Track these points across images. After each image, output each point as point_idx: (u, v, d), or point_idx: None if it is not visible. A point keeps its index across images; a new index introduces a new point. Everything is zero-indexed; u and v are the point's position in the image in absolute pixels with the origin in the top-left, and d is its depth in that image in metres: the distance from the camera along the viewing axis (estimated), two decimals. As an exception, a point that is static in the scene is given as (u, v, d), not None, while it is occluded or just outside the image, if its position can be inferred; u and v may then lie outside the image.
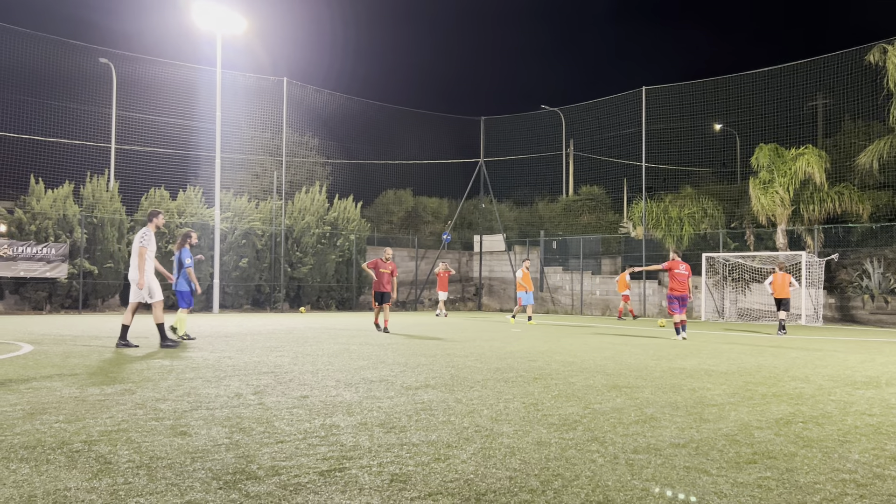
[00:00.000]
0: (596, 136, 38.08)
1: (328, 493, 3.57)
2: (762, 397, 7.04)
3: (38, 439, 4.61)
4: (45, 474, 3.80)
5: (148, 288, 11.25)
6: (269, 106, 32.65)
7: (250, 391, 6.84)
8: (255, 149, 34.32)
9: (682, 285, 15.93)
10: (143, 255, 11.07)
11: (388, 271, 17.62)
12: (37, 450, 4.33)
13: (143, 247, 11.10)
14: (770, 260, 27.76)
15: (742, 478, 4.01)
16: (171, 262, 14.18)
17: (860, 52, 26.49)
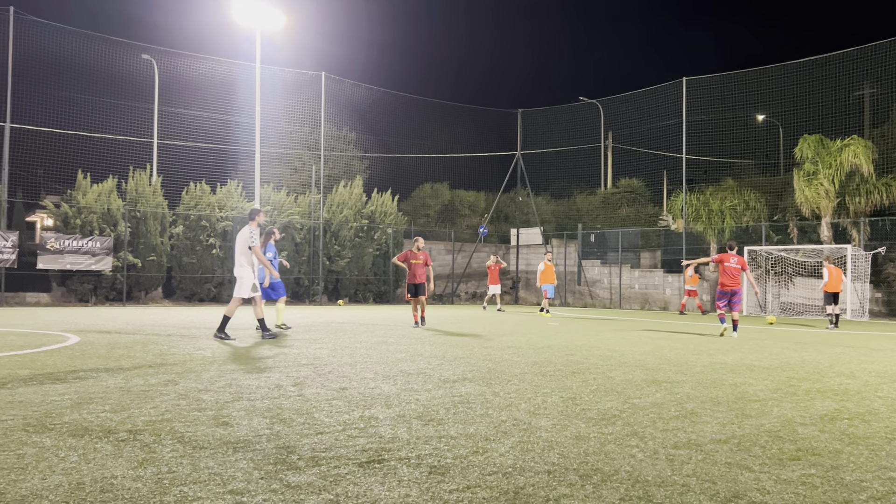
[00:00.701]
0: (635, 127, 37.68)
1: (367, 485, 3.60)
2: (806, 393, 6.91)
3: (85, 428, 4.73)
4: (93, 462, 3.89)
5: (252, 283, 11.86)
6: (308, 101, 32.93)
7: (290, 383, 6.92)
8: (293, 143, 34.65)
9: (732, 279, 14.59)
10: (258, 252, 11.83)
11: (420, 262, 16.66)
12: (84, 438, 4.44)
13: (255, 245, 11.79)
14: (814, 253, 27.20)
15: (785, 475, 3.94)
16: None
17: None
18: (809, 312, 26.76)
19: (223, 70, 31.65)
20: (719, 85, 31.55)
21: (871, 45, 27.22)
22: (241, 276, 11.82)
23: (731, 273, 14.56)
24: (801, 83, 29.66)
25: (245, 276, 11.79)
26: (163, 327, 14.34)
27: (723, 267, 14.71)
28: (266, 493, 3.43)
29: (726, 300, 14.60)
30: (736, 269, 14.60)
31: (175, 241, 27.92)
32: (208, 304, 27.90)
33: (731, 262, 14.62)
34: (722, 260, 14.75)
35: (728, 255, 14.75)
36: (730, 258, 14.68)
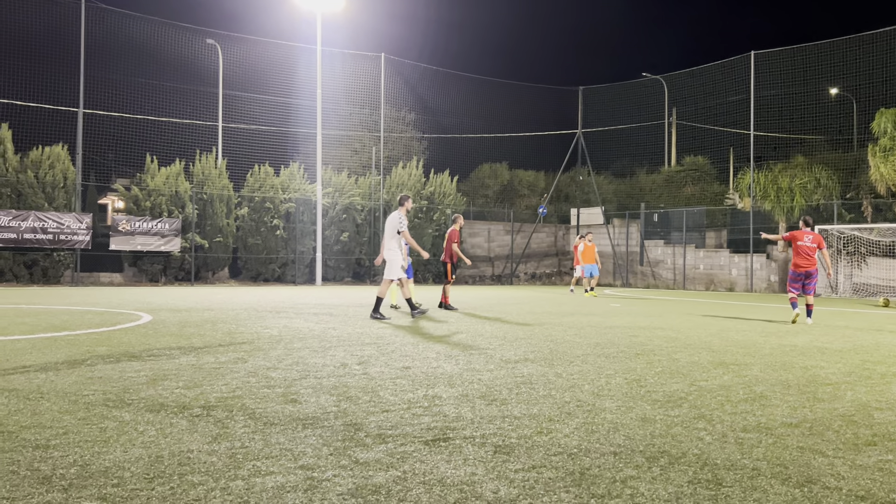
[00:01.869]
0: (700, 104, 36.74)
1: (434, 462, 3.64)
2: (881, 377, 6.69)
3: (160, 404, 4.90)
4: (170, 437, 4.04)
5: (390, 265, 12.54)
6: (367, 82, 33.13)
7: (355, 361, 7.03)
8: (353, 125, 34.95)
9: (807, 260, 12.93)
10: (407, 237, 12.51)
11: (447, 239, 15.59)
12: (160, 413, 4.61)
13: (404, 230, 12.42)
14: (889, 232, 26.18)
15: (861, 460, 3.84)
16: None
17: None
18: (884, 293, 25.80)
19: (284, 53, 32.11)
20: (789, 59, 30.50)
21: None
22: (390, 259, 12.51)
23: (806, 252, 12.96)
24: (876, 55, 28.43)
25: (394, 259, 12.46)
26: (230, 306, 14.73)
27: (796, 246, 13.10)
28: (335, 468, 3.50)
29: (800, 283, 13.06)
30: (811, 248, 12.94)
31: (240, 222, 28.57)
32: (273, 283, 28.51)
33: (805, 240, 12.97)
34: (795, 238, 13.10)
35: (802, 233, 13.09)
36: (804, 235, 13.03)
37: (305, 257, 29.35)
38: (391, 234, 12.51)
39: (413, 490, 3.21)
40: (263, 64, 31.85)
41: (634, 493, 3.24)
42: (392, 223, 12.52)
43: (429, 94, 37.20)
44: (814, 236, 13.04)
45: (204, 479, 3.30)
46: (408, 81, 35.56)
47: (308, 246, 29.24)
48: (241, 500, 3.03)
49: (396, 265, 12.45)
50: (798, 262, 12.99)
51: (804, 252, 12.93)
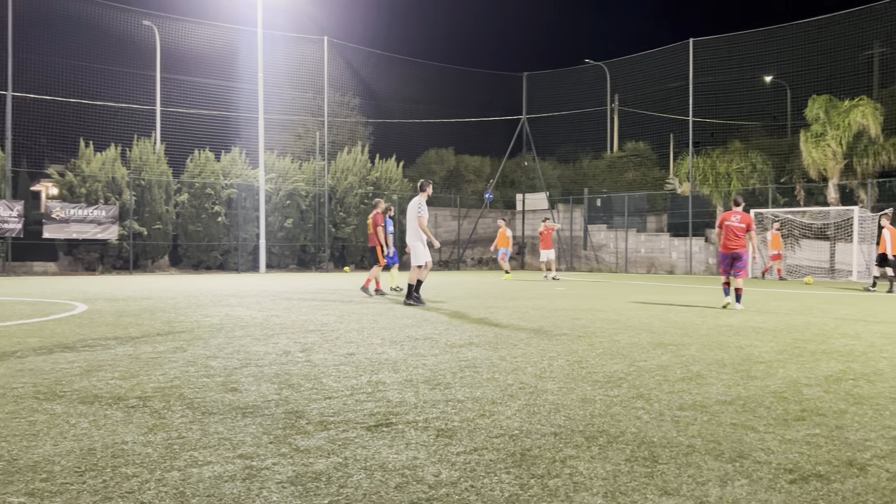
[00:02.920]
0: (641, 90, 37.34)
1: (376, 448, 3.63)
2: (811, 354, 6.93)
3: (94, 395, 4.77)
4: (104, 428, 3.94)
5: (415, 252, 12.45)
6: (310, 66, 32.67)
7: (298, 349, 6.97)
8: (296, 109, 34.46)
9: (733, 241, 12.31)
10: (422, 223, 12.34)
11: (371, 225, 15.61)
12: (94, 405, 4.49)
13: (421, 216, 12.33)
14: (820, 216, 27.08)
15: (790, 435, 3.97)
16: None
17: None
18: (815, 275, 26.71)
19: (225, 36, 31.39)
20: (726, 46, 31.18)
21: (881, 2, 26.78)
22: (413, 244, 12.47)
23: (734, 233, 12.34)
24: (809, 43, 29.25)
25: (417, 246, 12.40)
26: (170, 295, 14.42)
27: (724, 226, 12.54)
28: (275, 456, 3.47)
29: (728, 264, 12.45)
30: (739, 227, 12.31)
31: (180, 209, 27.96)
32: (215, 271, 28.03)
33: (732, 219, 12.41)
34: (724, 219, 12.61)
35: (730, 213, 12.61)
36: (732, 215, 12.50)
37: (248, 244, 28.91)
38: (413, 220, 12.45)
39: (354, 476, 3.20)
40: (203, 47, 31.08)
41: (574, 472, 3.29)
42: (412, 209, 12.48)
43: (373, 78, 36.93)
44: (742, 216, 12.43)
45: (138, 470, 3.23)
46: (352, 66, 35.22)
47: (251, 233, 28.80)
48: (176, 492, 2.97)
49: (421, 251, 12.41)
50: (725, 243, 12.44)
51: (732, 232, 12.36)
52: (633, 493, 3.03)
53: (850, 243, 25.95)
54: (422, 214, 12.32)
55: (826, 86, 28.98)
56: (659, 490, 3.06)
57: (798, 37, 29.39)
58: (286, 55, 32.41)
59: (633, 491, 3.05)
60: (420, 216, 12.31)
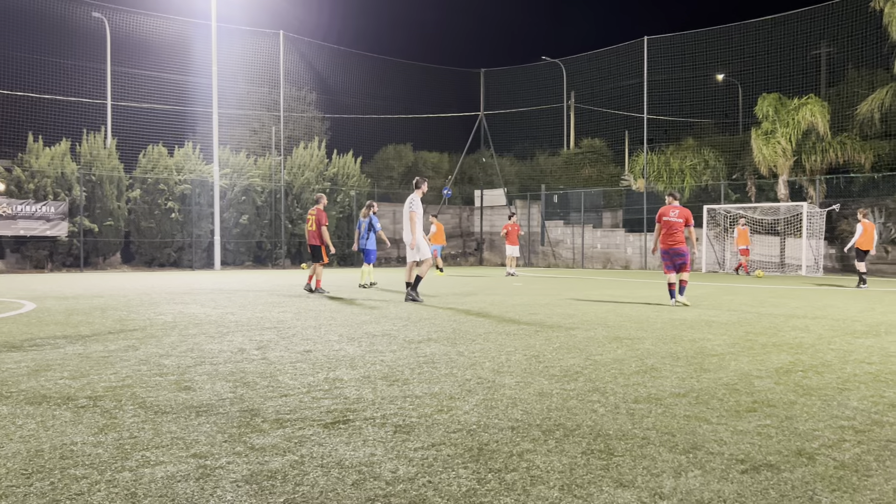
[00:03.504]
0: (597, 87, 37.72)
1: (333, 445, 3.60)
2: (762, 347, 7.08)
3: (43, 395, 4.65)
4: (52, 429, 3.83)
5: (418, 247, 12.30)
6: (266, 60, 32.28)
7: (253, 346, 6.88)
8: (252, 104, 34.03)
9: (673, 236, 12.02)
10: (413, 220, 12.23)
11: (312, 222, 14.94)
12: (42, 406, 4.37)
13: (413, 212, 12.22)
14: (771, 211, 27.68)
15: (742, 426, 4.05)
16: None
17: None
18: (766, 269, 27.32)
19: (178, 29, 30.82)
20: (680, 44, 31.68)
21: (828, 3, 27.47)
22: (407, 241, 12.38)
23: (673, 228, 12.05)
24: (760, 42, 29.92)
25: (415, 242, 12.27)
26: (122, 293, 14.13)
27: (663, 222, 12.19)
28: (230, 455, 3.41)
29: (671, 261, 12.12)
30: (677, 222, 12.01)
31: (132, 205, 27.40)
32: (169, 268, 27.55)
33: (671, 214, 12.10)
34: (662, 214, 12.25)
35: (669, 207, 12.25)
36: (670, 210, 12.16)
37: (203, 241, 28.46)
38: (408, 217, 12.36)
39: (310, 474, 3.17)
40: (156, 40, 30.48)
41: (531, 465, 3.30)
42: (405, 206, 12.43)
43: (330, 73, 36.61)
44: (680, 210, 12.12)
45: (88, 472, 3.15)
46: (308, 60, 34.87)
47: (205, 229, 28.36)
48: (127, 493, 2.91)
49: (422, 246, 12.32)
50: (665, 239, 12.12)
51: (671, 227, 12.05)
52: (588, 485, 3.06)
53: (799, 238, 26.60)
54: (413, 210, 12.27)
55: (776, 84, 29.66)
56: (614, 482, 3.10)
57: (749, 36, 30.02)
58: (241, 49, 31.97)
59: (589, 483, 3.08)
60: (412, 211, 12.25)
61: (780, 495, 2.97)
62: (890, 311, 11.11)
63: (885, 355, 6.63)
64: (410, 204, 12.31)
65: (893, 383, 5.30)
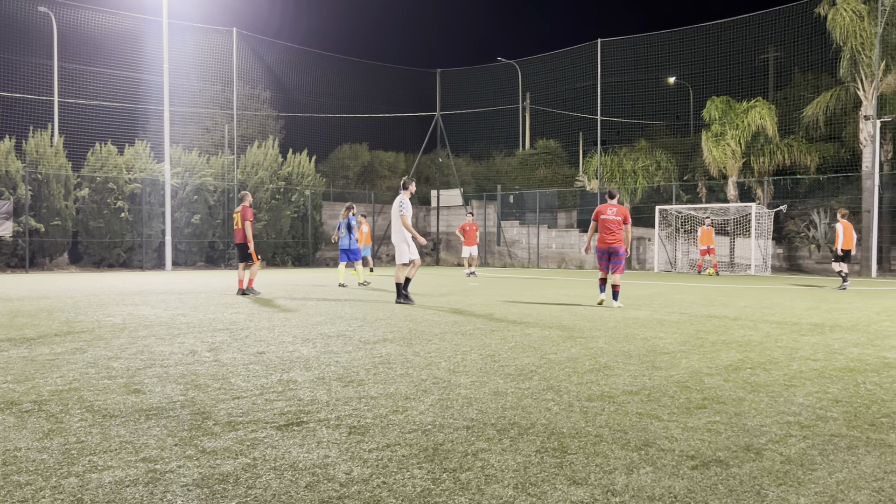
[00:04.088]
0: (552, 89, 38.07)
1: (286, 447, 3.57)
2: (712, 345, 7.22)
3: (-15, 400, 4.51)
4: (-6, 435, 3.72)
5: (407, 249, 12.08)
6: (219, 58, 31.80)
7: (205, 348, 6.77)
8: (204, 102, 33.50)
9: (610, 235, 11.63)
10: (405, 221, 12.03)
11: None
12: (-16, 411, 4.23)
13: (404, 214, 12.03)
14: (721, 212, 28.25)
15: (692, 422, 4.12)
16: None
17: (811, 4, 26.75)
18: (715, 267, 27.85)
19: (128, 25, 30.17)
20: (632, 47, 32.14)
21: (775, 8, 28.16)
22: (397, 243, 12.17)
23: (610, 227, 11.66)
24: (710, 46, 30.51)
25: (401, 244, 12.07)
26: (69, 294, 13.78)
27: (600, 220, 11.82)
28: (180, 459, 3.35)
29: (606, 261, 11.77)
30: (615, 220, 11.64)
31: (81, 204, 26.73)
32: (118, 269, 26.96)
33: (609, 213, 11.72)
34: (599, 212, 11.87)
35: (606, 206, 11.86)
36: (608, 208, 11.79)
37: (154, 241, 27.91)
38: (396, 218, 12.12)
39: (263, 476, 3.13)
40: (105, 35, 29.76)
41: (485, 464, 3.31)
42: (395, 208, 12.15)
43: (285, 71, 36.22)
44: (618, 209, 11.73)
45: (32, 478, 3.06)
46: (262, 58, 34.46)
47: (156, 229, 27.81)
48: (74, 499, 2.83)
49: (403, 249, 12.06)
50: (602, 237, 11.72)
51: (608, 226, 11.67)
52: (543, 483, 3.08)
53: (748, 238, 27.21)
54: (404, 212, 12.04)
55: (725, 87, 30.32)
56: (568, 480, 3.12)
57: (699, 40, 30.59)
58: (193, 46, 31.42)
59: (543, 482, 3.10)
60: (402, 214, 12.02)
61: (729, 490, 3.03)
62: (834, 310, 11.43)
63: (829, 352, 6.82)
64: (400, 205, 12.09)
65: (837, 379, 5.46)
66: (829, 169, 27.88)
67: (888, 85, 25.35)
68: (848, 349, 7.01)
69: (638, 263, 30.97)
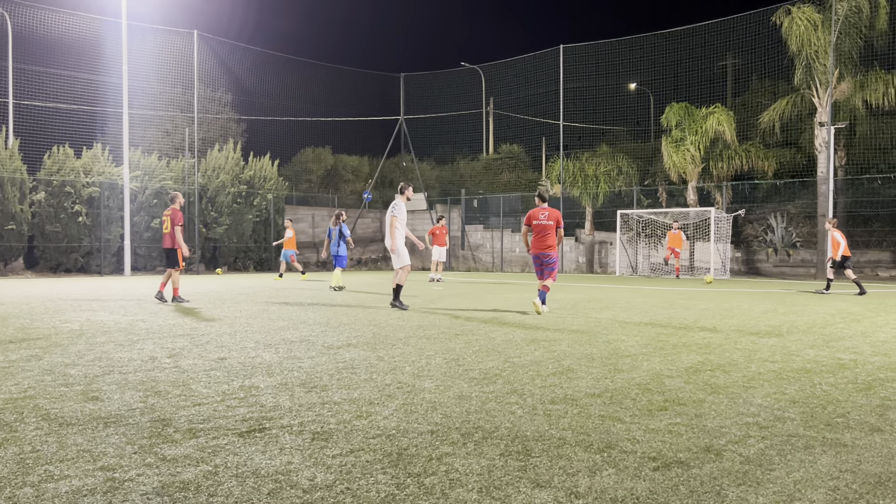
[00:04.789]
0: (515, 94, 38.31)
1: (248, 454, 3.53)
2: (673, 347, 7.32)
3: (-64, 410, 4.38)
4: (-55, 445, 3.62)
5: (398, 254, 11.87)
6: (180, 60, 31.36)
7: (165, 354, 6.67)
8: (165, 105, 33.01)
9: (542, 240, 11.05)
10: (394, 225, 11.87)
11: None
12: (-65, 420, 4.12)
13: (395, 216, 11.88)
14: (681, 216, 28.67)
15: (654, 424, 4.17)
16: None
17: (767, 13, 27.32)
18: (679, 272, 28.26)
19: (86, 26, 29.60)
20: (594, 53, 32.47)
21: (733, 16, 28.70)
22: (388, 246, 12.03)
23: (542, 231, 11.04)
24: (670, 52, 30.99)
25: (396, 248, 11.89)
26: (25, 300, 13.46)
27: (532, 225, 11.15)
28: (140, 467, 3.30)
29: (539, 265, 11.28)
30: (548, 225, 11.00)
31: (37, 208, 26.13)
32: (76, 274, 26.42)
33: (540, 217, 11.03)
34: (531, 217, 11.15)
35: (537, 210, 11.11)
36: (539, 213, 11.04)
37: (112, 245, 27.39)
38: (389, 222, 11.94)
39: (225, 484, 3.09)
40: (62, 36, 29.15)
41: (450, 469, 3.32)
42: (388, 212, 11.98)
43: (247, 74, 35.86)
44: (550, 212, 11.05)
45: (-15, 489, 2.98)
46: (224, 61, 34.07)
47: (115, 233, 27.30)
48: (29, 510, 2.77)
49: (400, 253, 11.85)
50: (536, 243, 11.15)
51: (540, 231, 11.06)
52: (507, 486, 3.09)
53: (707, 242, 27.64)
54: (395, 215, 11.84)
55: (685, 93, 30.80)
56: (532, 483, 3.14)
57: (659, 46, 31.06)
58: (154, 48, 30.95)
59: (507, 485, 3.11)
60: (394, 216, 11.83)
61: (690, 491, 3.07)
62: (791, 312, 11.67)
63: (786, 354, 6.96)
64: (393, 209, 11.94)
65: (794, 380, 5.57)
66: (786, 174, 28.49)
67: (842, 92, 26.01)
68: (804, 351, 7.17)
69: (600, 267, 31.28)
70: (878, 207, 26.96)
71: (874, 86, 25.36)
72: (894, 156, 26.43)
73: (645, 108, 34.91)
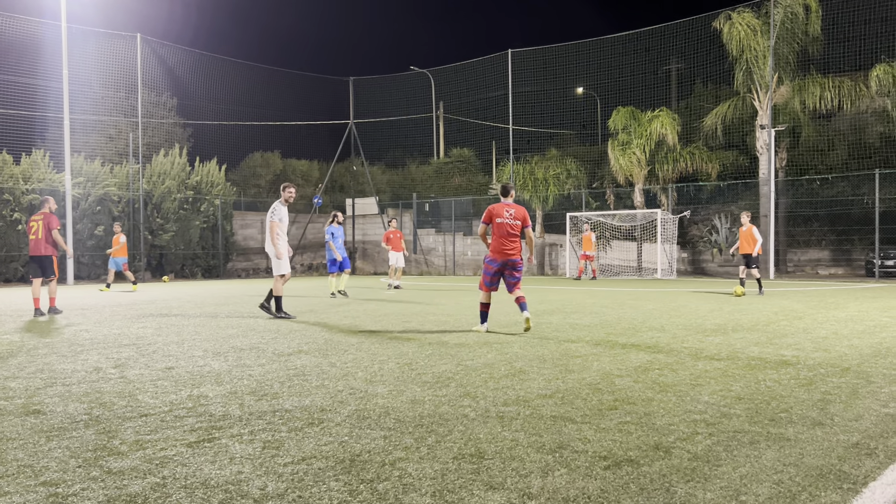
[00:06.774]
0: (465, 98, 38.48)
1: (197, 465, 3.46)
2: (622, 347, 7.43)
3: None
4: None
5: (279, 260, 11.24)
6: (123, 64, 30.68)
7: (110, 364, 6.51)
8: (107, 109, 32.25)
9: (508, 242, 8.96)
10: (273, 230, 11.23)
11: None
12: None
13: (273, 221, 11.24)
14: (629, 218, 29.13)
15: (604, 423, 4.22)
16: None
17: (709, 18, 27.99)
18: (625, 273, 28.71)
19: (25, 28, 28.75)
20: (542, 57, 32.85)
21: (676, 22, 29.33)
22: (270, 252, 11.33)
23: (507, 232, 8.97)
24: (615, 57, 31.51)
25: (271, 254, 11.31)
26: (-39, 312, 12.98)
27: (494, 225, 9.02)
28: (85, 481, 3.21)
29: (499, 277, 9.20)
30: (514, 225, 8.99)
31: (-28, 216, 25.26)
32: (16, 284, 25.60)
33: (506, 214, 8.98)
34: (494, 214, 9.02)
35: (501, 206, 9.08)
36: (504, 210, 9.02)
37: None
38: (268, 227, 11.21)
39: (173, 496, 3.03)
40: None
41: (403, 473, 3.31)
42: (267, 216, 11.24)
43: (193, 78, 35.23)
44: (516, 209, 9.06)
45: (-81, 509, 2.87)
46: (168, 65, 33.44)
47: (57, 242, 26.55)
48: (-34, 529, 2.67)
49: (279, 260, 11.11)
50: (499, 247, 8.99)
51: (505, 232, 8.97)
52: (460, 490, 3.09)
53: (654, 243, 28.15)
54: (274, 219, 11.17)
55: (630, 97, 31.37)
56: (485, 485, 3.15)
57: (605, 51, 31.56)
58: (95, 51, 30.20)
59: (461, 488, 3.11)
60: (273, 221, 11.15)
61: (640, 488, 3.12)
62: (736, 311, 11.95)
63: (732, 351, 7.12)
64: (273, 213, 11.22)
65: (740, 378, 5.70)
66: (729, 176, 29.22)
67: (781, 96, 26.78)
68: (749, 348, 7.34)
69: (550, 269, 31.57)
70: (817, 207, 27.84)
71: (812, 89, 26.18)
72: (832, 157, 27.33)
73: (592, 112, 35.43)
